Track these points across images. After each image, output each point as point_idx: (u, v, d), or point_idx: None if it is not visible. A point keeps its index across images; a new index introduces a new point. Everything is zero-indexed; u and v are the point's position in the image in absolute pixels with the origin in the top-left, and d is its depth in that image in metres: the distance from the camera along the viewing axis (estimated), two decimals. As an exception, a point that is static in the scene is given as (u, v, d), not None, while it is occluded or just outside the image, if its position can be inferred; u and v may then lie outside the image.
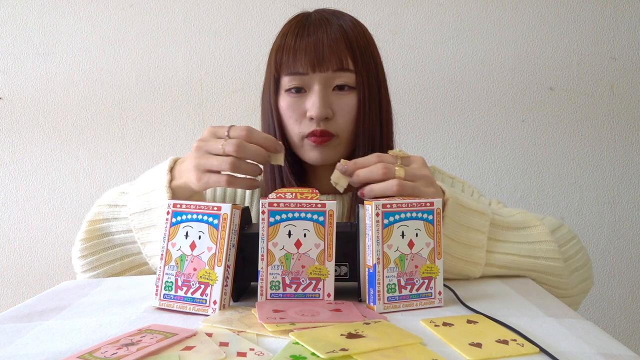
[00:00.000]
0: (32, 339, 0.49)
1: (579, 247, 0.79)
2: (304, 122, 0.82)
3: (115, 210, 0.79)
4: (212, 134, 0.70)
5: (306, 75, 0.81)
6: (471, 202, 0.72)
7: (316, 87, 0.81)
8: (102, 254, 0.79)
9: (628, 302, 1.52)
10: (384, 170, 0.63)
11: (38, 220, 1.50)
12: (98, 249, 0.79)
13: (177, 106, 1.49)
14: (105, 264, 0.79)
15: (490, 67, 1.49)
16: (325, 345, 0.43)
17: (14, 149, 1.49)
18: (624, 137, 1.50)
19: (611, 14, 1.48)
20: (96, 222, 0.79)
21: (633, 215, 1.51)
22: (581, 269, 0.79)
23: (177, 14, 1.49)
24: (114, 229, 0.79)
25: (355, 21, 0.86)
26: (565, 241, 0.77)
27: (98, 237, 0.79)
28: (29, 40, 1.48)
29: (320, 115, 0.80)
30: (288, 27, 0.84)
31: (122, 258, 0.79)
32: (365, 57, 0.83)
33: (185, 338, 0.47)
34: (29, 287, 1.50)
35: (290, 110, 0.83)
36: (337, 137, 0.83)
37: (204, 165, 0.67)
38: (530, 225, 0.75)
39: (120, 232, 0.78)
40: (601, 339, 0.48)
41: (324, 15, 0.85)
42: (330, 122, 0.82)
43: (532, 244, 0.73)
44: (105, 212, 0.80)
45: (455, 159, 1.50)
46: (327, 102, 0.81)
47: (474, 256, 0.70)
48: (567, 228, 0.80)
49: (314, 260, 0.57)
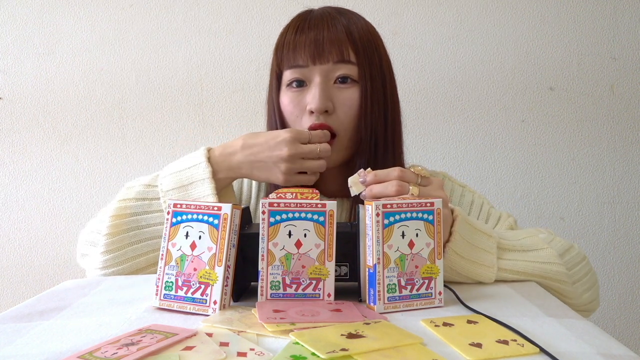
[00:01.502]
0: (32, 339, 0.49)
1: (587, 269, 0.78)
2: (305, 118, 0.81)
3: (145, 204, 0.79)
4: (296, 139, 0.76)
5: (306, 67, 0.80)
6: (479, 223, 0.72)
7: (316, 80, 0.80)
8: (128, 249, 0.77)
9: (628, 302, 1.52)
10: (398, 188, 0.63)
11: (38, 220, 1.50)
12: (124, 244, 0.78)
13: (177, 106, 1.49)
14: (131, 259, 0.78)
15: (490, 67, 1.49)
16: (325, 345, 0.43)
17: (14, 149, 1.49)
18: (624, 137, 1.50)
19: (611, 14, 1.48)
20: (122, 217, 0.78)
21: (633, 215, 1.51)
22: (589, 291, 0.77)
23: (177, 14, 1.49)
24: (144, 222, 0.78)
25: (359, 17, 0.85)
26: (574, 264, 0.75)
27: (125, 231, 0.78)
28: (29, 40, 1.48)
29: (320, 107, 0.79)
30: (290, 23, 0.84)
31: (147, 253, 0.78)
32: (368, 50, 0.81)
33: (185, 338, 0.47)
34: (29, 287, 1.50)
35: (292, 106, 0.82)
36: (338, 139, 0.81)
37: (298, 168, 0.77)
38: (537, 248, 0.73)
39: (152, 225, 0.78)
40: (601, 339, 0.48)
41: (327, 11, 0.84)
42: (331, 116, 0.80)
43: (541, 264, 0.71)
44: (132, 205, 0.79)
45: (455, 159, 1.50)
46: (327, 95, 0.79)
47: (482, 276, 0.69)
48: (576, 250, 0.78)
49: (314, 261, 0.57)
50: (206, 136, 1.49)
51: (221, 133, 1.49)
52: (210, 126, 1.49)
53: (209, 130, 1.49)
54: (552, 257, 0.72)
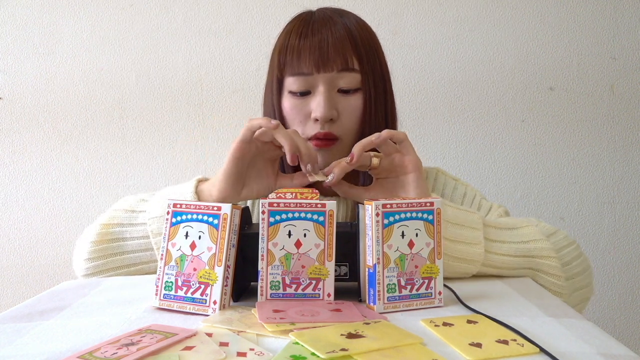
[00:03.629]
0: (32, 339, 0.49)
1: (577, 253, 0.78)
2: (309, 124, 0.81)
3: (132, 216, 0.78)
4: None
5: (310, 75, 0.79)
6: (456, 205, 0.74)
7: (321, 88, 0.79)
8: (109, 259, 0.77)
9: (628, 302, 1.52)
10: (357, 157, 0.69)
11: (38, 220, 1.50)
12: (106, 253, 0.77)
13: (177, 106, 1.49)
14: (111, 269, 0.77)
15: (490, 67, 1.49)
16: (325, 345, 0.43)
17: (14, 149, 1.49)
18: (624, 137, 1.50)
19: (611, 14, 1.48)
20: (109, 226, 0.78)
21: (633, 215, 1.51)
22: (580, 275, 0.77)
23: (177, 14, 1.49)
24: (127, 234, 0.77)
25: (359, 20, 0.84)
26: (562, 246, 0.76)
27: (109, 241, 0.77)
28: (29, 40, 1.48)
29: (325, 117, 0.78)
30: (291, 26, 0.83)
31: (128, 266, 0.77)
32: (370, 57, 0.81)
33: (185, 338, 0.47)
34: (29, 287, 1.50)
35: (294, 112, 0.81)
36: (340, 141, 0.81)
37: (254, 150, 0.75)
38: (520, 226, 0.75)
39: (135, 238, 0.77)
40: (601, 339, 0.48)
41: (328, 14, 0.83)
42: (335, 123, 0.80)
43: (526, 243, 0.73)
44: (121, 216, 0.78)
45: (455, 159, 1.50)
46: (332, 103, 0.79)
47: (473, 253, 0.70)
48: (563, 234, 0.78)
49: (314, 260, 0.57)
50: (206, 136, 1.49)
51: (221, 133, 1.49)
52: (210, 126, 1.49)
53: (209, 130, 1.49)
54: (535, 234, 0.74)
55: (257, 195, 0.75)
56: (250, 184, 0.74)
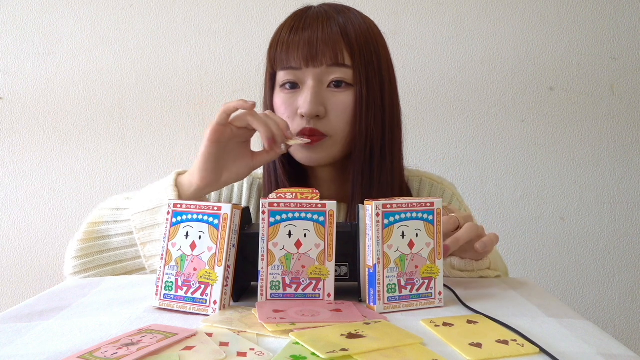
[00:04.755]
0: (32, 339, 0.49)
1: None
2: (296, 120, 0.79)
3: (117, 213, 0.79)
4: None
5: (299, 70, 0.78)
6: None
7: (309, 83, 0.78)
8: (96, 257, 0.78)
9: (628, 302, 1.52)
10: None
11: (38, 220, 1.50)
12: (93, 251, 0.78)
13: (177, 106, 1.49)
14: (98, 267, 0.78)
15: (490, 67, 1.49)
16: (325, 345, 0.43)
17: (14, 149, 1.49)
18: (624, 137, 1.50)
19: (611, 14, 1.48)
20: (95, 225, 0.79)
21: (633, 215, 1.51)
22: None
23: (177, 14, 1.49)
24: (112, 231, 0.78)
25: (361, 16, 0.82)
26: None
27: (95, 239, 0.78)
28: (29, 40, 1.48)
29: (310, 113, 0.77)
30: (285, 22, 0.82)
31: (114, 263, 0.78)
32: (365, 52, 0.78)
33: (185, 338, 0.47)
34: (29, 287, 1.50)
35: (284, 107, 0.80)
36: (329, 138, 0.79)
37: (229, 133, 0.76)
38: None
39: (119, 234, 0.78)
40: (601, 339, 0.48)
41: (324, 9, 0.82)
42: (322, 121, 0.78)
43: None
44: (106, 214, 0.79)
45: (455, 159, 1.50)
46: (319, 99, 0.77)
47: None
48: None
49: (314, 261, 0.57)
50: (206, 136, 1.49)
51: (221, 133, 1.49)
52: (210, 126, 1.49)
53: (209, 130, 1.49)
54: None
55: (238, 177, 0.77)
56: (230, 168, 0.76)
